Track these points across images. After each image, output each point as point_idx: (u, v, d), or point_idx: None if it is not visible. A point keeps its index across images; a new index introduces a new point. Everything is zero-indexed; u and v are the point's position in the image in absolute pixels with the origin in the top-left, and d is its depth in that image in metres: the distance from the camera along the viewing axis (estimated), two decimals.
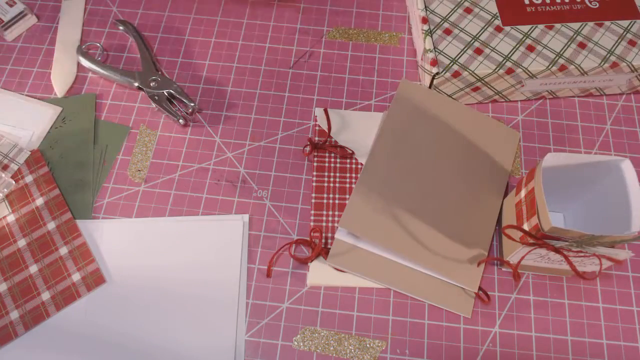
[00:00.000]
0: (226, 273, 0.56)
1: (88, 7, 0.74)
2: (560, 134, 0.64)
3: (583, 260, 0.49)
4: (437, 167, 0.59)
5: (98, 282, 0.55)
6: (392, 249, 0.54)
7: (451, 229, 0.56)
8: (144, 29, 0.72)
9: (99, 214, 0.59)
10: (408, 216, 0.56)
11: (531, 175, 0.50)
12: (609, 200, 0.51)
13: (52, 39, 0.71)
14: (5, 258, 0.56)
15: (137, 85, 0.65)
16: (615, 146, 0.64)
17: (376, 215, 0.55)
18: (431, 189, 0.58)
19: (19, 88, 0.67)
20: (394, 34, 0.72)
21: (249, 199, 0.60)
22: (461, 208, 0.58)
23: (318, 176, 0.61)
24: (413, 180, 0.58)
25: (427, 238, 0.55)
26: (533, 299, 0.55)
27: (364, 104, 0.66)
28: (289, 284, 0.56)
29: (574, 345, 0.53)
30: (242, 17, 0.73)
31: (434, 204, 0.57)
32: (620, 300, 0.55)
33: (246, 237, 0.58)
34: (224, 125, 0.65)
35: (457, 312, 0.54)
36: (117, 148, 0.63)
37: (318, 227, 0.58)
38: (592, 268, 0.51)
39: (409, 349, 0.53)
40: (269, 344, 0.53)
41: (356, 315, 0.54)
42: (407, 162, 0.59)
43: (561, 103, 0.66)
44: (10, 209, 0.58)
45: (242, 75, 0.68)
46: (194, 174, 0.62)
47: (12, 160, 0.61)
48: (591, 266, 0.51)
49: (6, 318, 0.53)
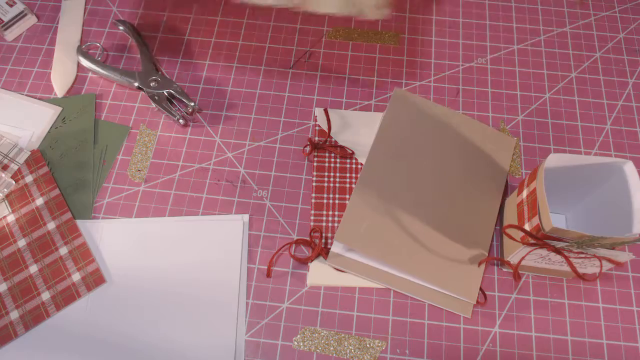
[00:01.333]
0: (226, 273, 0.56)
1: (88, 7, 0.73)
2: (560, 134, 0.64)
3: (583, 261, 0.49)
4: (434, 172, 0.59)
5: (98, 282, 0.55)
6: (389, 265, 0.54)
7: (450, 232, 0.56)
8: (144, 29, 0.72)
9: (99, 214, 0.59)
10: (406, 224, 0.56)
11: (533, 176, 0.50)
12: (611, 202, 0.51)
13: (52, 39, 0.71)
14: (5, 258, 0.56)
15: (137, 85, 0.65)
16: (615, 146, 0.64)
17: (372, 228, 0.55)
18: (429, 194, 0.58)
19: (19, 88, 0.67)
20: (394, 34, 0.72)
21: (249, 199, 0.60)
22: (460, 211, 0.58)
23: (318, 176, 0.61)
24: (410, 187, 0.58)
25: (425, 246, 0.55)
26: (533, 299, 0.55)
27: (364, 104, 0.66)
28: (289, 284, 0.56)
29: (574, 345, 0.53)
30: (242, 17, 0.73)
31: (432, 208, 0.57)
32: (620, 300, 0.55)
33: (246, 237, 0.58)
34: (224, 125, 0.65)
35: (457, 313, 0.54)
36: (117, 148, 0.63)
37: (318, 227, 0.58)
38: (593, 270, 0.51)
39: (409, 349, 0.53)
40: (269, 344, 0.53)
41: (356, 315, 0.54)
42: (402, 170, 0.59)
43: (561, 103, 0.67)
44: (10, 209, 0.58)
45: (242, 75, 0.68)
46: (194, 174, 0.62)
47: (12, 160, 0.61)
48: (591, 268, 0.51)
49: (6, 318, 0.53)
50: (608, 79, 0.68)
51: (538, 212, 0.47)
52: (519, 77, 0.69)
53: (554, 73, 0.69)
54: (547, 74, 0.69)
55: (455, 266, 0.55)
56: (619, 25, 0.73)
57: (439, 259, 0.55)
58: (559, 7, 0.75)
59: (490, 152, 0.62)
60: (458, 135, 0.62)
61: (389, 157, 0.59)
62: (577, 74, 0.69)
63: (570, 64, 0.70)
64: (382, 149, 0.59)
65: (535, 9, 0.74)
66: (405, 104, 0.63)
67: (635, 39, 0.72)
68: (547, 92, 0.67)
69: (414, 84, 0.68)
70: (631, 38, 0.72)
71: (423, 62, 0.70)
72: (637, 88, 0.68)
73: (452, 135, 0.62)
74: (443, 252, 0.55)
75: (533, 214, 0.49)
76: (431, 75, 0.69)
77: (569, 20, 0.73)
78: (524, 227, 0.50)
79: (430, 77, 0.69)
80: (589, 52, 0.70)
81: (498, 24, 0.73)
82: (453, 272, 0.55)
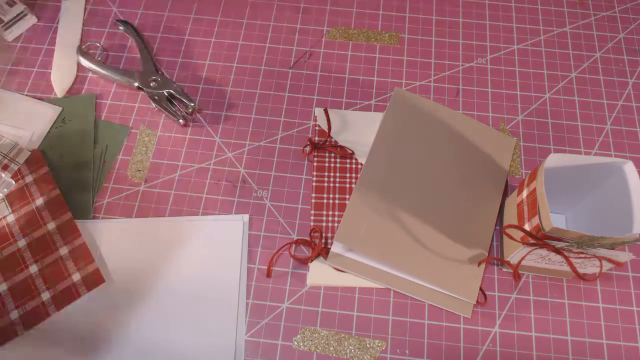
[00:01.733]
0: (226, 273, 0.56)
1: (88, 7, 0.73)
2: (560, 134, 0.64)
3: (583, 261, 0.49)
4: (434, 172, 0.59)
5: (98, 282, 0.55)
6: (389, 265, 0.54)
7: (451, 232, 0.56)
8: (144, 29, 0.72)
9: (99, 214, 0.59)
10: (406, 224, 0.56)
11: (533, 176, 0.50)
12: (611, 202, 0.51)
13: (52, 39, 0.71)
14: (5, 258, 0.56)
15: (137, 85, 0.65)
16: (615, 146, 0.64)
17: (372, 229, 0.55)
18: (429, 194, 0.58)
19: (19, 88, 0.67)
20: (394, 34, 0.72)
21: (249, 199, 0.60)
22: (459, 211, 0.58)
23: (318, 176, 0.61)
24: (409, 187, 0.58)
25: (425, 246, 0.55)
26: (533, 299, 0.55)
27: (364, 104, 0.66)
28: (289, 284, 0.56)
29: (574, 345, 0.53)
30: (242, 17, 0.73)
31: (432, 208, 0.57)
32: (620, 300, 0.55)
33: (246, 237, 0.58)
34: (224, 125, 0.65)
35: (457, 313, 0.54)
36: (117, 148, 0.63)
37: (318, 227, 0.58)
38: (593, 270, 0.51)
39: (409, 349, 0.53)
40: (269, 344, 0.53)
41: (356, 315, 0.54)
42: (402, 170, 0.59)
43: (561, 103, 0.67)
44: (10, 209, 0.58)
45: (242, 75, 0.68)
46: (194, 174, 0.62)
47: (12, 160, 0.61)
48: (591, 268, 0.51)
49: (6, 318, 0.53)
50: (608, 79, 0.68)
51: (538, 212, 0.47)
52: (519, 77, 0.69)
53: (554, 73, 0.69)
54: (547, 74, 0.69)
55: (455, 266, 0.55)
56: (619, 25, 0.73)
57: (439, 259, 0.55)
58: (559, 7, 0.75)
59: (490, 152, 0.62)
60: (458, 135, 0.62)
61: (389, 157, 0.59)
62: (577, 74, 0.69)
63: (570, 64, 0.70)
64: (382, 149, 0.59)
65: (535, 9, 0.74)
66: (405, 104, 0.63)
67: (635, 39, 0.72)
68: (547, 92, 0.67)
69: (414, 84, 0.68)
70: (631, 38, 0.72)
71: (423, 62, 0.70)
72: (637, 88, 0.68)
73: (452, 135, 0.62)
74: (443, 252, 0.55)
75: (533, 214, 0.49)
76: (431, 75, 0.69)
77: (569, 20, 0.73)
78: (524, 227, 0.50)
79: (430, 77, 0.69)
80: (589, 52, 0.70)
81: (498, 24, 0.73)
82: (453, 272, 0.55)
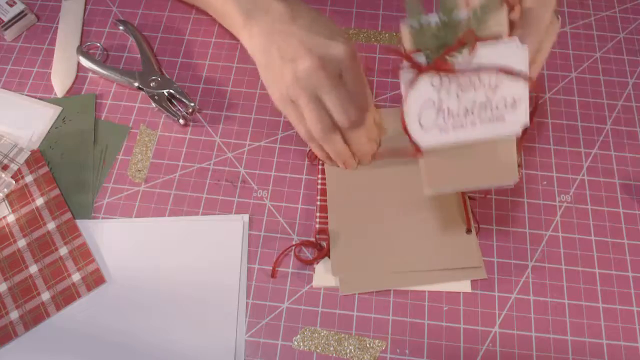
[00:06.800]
0: (226, 273, 0.56)
1: (88, 7, 0.73)
2: (560, 134, 0.64)
3: (489, 98, 0.44)
4: (391, 188, 0.60)
5: (98, 282, 0.55)
6: (386, 286, 0.55)
7: (426, 216, 0.58)
8: (144, 29, 0.72)
9: (99, 214, 0.59)
10: (386, 230, 0.57)
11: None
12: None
13: (52, 39, 0.71)
14: (5, 258, 0.56)
15: (137, 85, 0.65)
16: (615, 146, 0.64)
17: (360, 254, 0.56)
18: (395, 188, 0.59)
19: (19, 88, 0.67)
20: (394, 34, 0.72)
21: (249, 199, 0.60)
22: (425, 203, 0.58)
23: (324, 179, 0.61)
24: (374, 190, 0.59)
25: (412, 239, 0.56)
26: (533, 299, 0.55)
27: None
28: (289, 284, 0.56)
29: (574, 345, 0.53)
30: None
31: (400, 199, 0.58)
32: (620, 300, 0.55)
33: (246, 238, 0.58)
34: (224, 125, 0.65)
35: (474, 278, 0.55)
36: (117, 148, 0.63)
37: (324, 230, 0.58)
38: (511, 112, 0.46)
39: (409, 349, 0.53)
40: (269, 344, 0.53)
41: (356, 315, 0.54)
42: (362, 177, 0.60)
43: (561, 103, 0.66)
44: (10, 209, 0.58)
45: (242, 75, 0.68)
46: (194, 174, 0.62)
47: (12, 160, 0.61)
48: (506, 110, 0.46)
49: (6, 318, 0.53)
50: (608, 79, 0.68)
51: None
52: None
53: (553, 73, 0.69)
54: (547, 74, 0.69)
55: (447, 242, 0.56)
56: (619, 25, 0.73)
57: (430, 243, 0.56)
58: (559, 7, 0.74)
59: None
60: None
61: (345, 175, 0.60)
62: (577, 74, 0.69)
63: (570, 64, 0.70)
64: (335, 173, 0.60)
65: None
66: None
67: (635, 39, 0.72)
68: (547, 92, 0.67)
69: None
70: (631, 38, 0.72)
71: None
72: (637, 88, 0.68)
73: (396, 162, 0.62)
74: (430, 236, 0.56)
75: None
76: None
77: (569, 20, 0.73)
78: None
79: None
80: (589, 52, 0.70)
81: None
82: (449, 249, 0.56)
